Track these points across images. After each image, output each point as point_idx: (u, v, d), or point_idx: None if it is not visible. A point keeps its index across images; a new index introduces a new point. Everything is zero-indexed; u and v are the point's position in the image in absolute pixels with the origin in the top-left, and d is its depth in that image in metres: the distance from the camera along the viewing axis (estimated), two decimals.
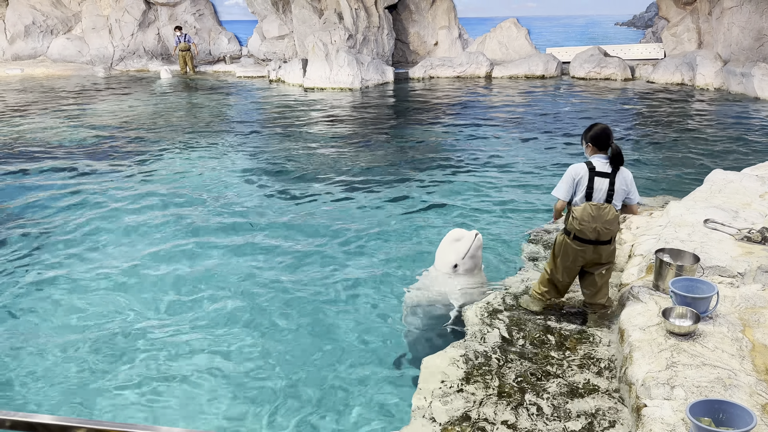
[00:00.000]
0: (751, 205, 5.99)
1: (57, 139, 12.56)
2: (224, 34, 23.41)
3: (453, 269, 5.55)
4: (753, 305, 4.33)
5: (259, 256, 7.01)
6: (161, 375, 4.95)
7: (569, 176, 4.63)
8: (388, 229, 7.65)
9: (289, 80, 19.16)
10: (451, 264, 5.54)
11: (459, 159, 10.75)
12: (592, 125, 4.75)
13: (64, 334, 5.56)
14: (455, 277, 5.58)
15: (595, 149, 4.65)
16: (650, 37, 20.20)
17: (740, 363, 3.69)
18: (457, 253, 5.52)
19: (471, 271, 5.62)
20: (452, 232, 5.69)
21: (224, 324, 5.65)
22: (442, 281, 5.61)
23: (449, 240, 5.62)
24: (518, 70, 19.40)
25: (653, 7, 19.98)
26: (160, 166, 10.61)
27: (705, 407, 3.12)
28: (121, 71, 22.40)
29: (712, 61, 16.74)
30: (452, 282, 5.56)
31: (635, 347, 3.98)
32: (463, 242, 5.53)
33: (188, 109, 15.66)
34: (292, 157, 11.12)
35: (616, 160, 4.58)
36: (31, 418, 1.59)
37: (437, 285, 5.61)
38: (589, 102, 15.58)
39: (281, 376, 4.89)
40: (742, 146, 11.09)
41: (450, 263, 5.55)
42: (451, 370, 4.32)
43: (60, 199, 9.00)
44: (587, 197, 4.60)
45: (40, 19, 22.93)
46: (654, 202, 7.86)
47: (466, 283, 5.58)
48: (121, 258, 7.04)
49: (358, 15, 18.98)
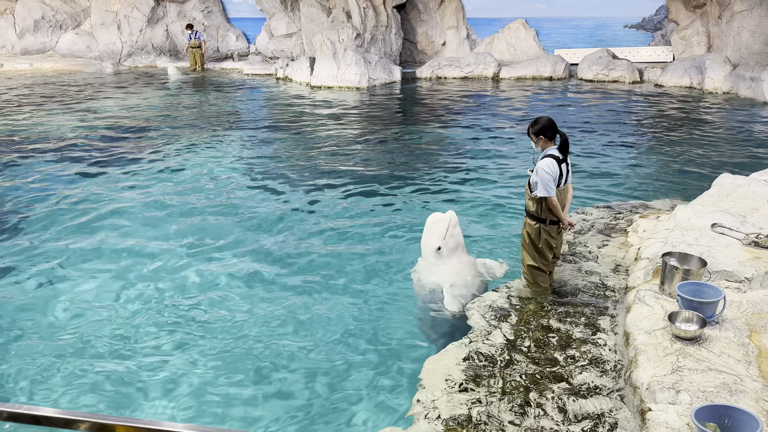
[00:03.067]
0: (759, 210, 5.96)
1: (63, 134, 12.60)
2: (232, 31, 23.44)
3: (437, 252, 5.76)
4: (760, 310, 4.31)
5: (262, 254, 7.01)
6: (158, 371, 4.95)
7: (550, 175, 4.96)
8: (392, 228, 7.64)
9: (296, 78, 19.17)
10: (435, 247, 5.76)
11: (465, 159, 10.73)
12: (538, 119, 5.09)
13: (61, 330, 5.58)
14: (441, 260, 5.75)
15: (546, 141, 5.05)
16: (659, 40, 20.11)
17: (746, 368, 3.67)
18: (438, 235, 5.74)
19: (455, 251, 5.82)
20: (429, 217, 5.93)
21: (225, 321, 5.65)
22: (429, 270, 5.79)
23: (428, 225, 5.87)
24: (526, 71, 19.35)
25: (663, 9, 19.90)
26: (166, 162, 10.63)
27: (710, 412, 3.10)
28: (129, 67, 22.47)
29: (722, 65, 16.65)
30: (439, 269, 5.73)
31: (641, 351, 3.96)
32: (441, 223, 5.78)
33: (195, 106, 15.69)
34: (298, 155, 11.12)
35: (567, 147, 5.05)
36: (35, 411, 1.59)
37: (426, 276, 5.80)
38: (597, 104, 15.53)
39: (284, 374, 4.88)
40: (750, 150, 11.03)
41: (434, 246, 5.77)
42: (455, 369, 4.31)
43: (64, 194, 9.02)
44: (557, 184, 5.06)
45: (50, 14, 23.02)
46: (661, 206, 7.83)
47: (452, 266, 5.76)
48: (124, 253, 7.05)
49: (366, 14, 18.97)
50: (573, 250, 6.26)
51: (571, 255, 6.15)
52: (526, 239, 5.33)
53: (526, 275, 5.43)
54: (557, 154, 5.02)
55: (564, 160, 5.05)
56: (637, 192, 8.90)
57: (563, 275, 5.71)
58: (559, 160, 5.00)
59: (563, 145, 5.04)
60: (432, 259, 5.80)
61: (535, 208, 5.17)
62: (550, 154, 5.01)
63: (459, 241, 5.85)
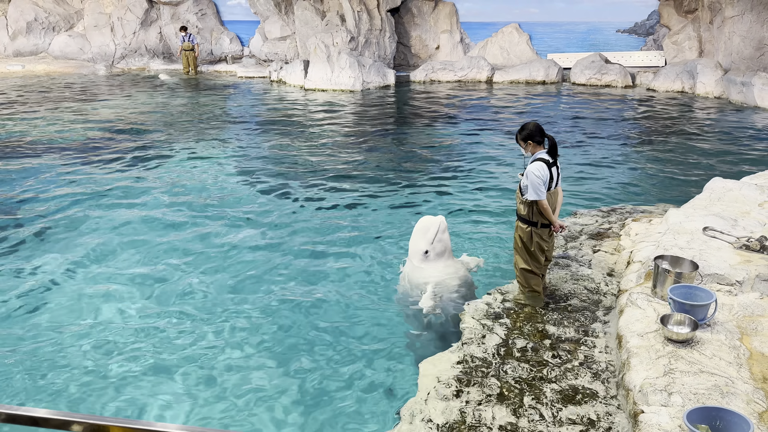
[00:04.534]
0: (750, 214, 6.01)
1: (55, 136, 12.55)
2: (226, 34, 23.42)
3: (425, 255, 5.82)
4: (751, 313, 4.34)
5: (256, 255, 7.00)
6: (152, 369, 4.94)
7: (540, 179, 5.02)
8: (382, 230, 7.66)
9: (290, 81, 19.17)
10: (423, 250, 5.82)
11: (457, 162, 10.76)
12: (525, 125, 5.16)
13: (58, 332, 5.55)
14: (428, 263, 5.80)
15: (536, 145, 5.12)
16: (651, 44, 20.24)
17: (738, 371, 3.70)
18: (427, 239, 5.81)
19: (441, 255, 5.89)
20: (420, 220, 5.99)
21: (220, 321, 5.65)
22: (415, 274, 5.83)
23: (418, 229, 5.92)
24: (519, 75, 19.42)
25: (655, 14, 20.02)
26: (159, 165, 10.61)
27: (702, 414, 3.12)
28: (123, 69, 22.40)
29: (713, 70, 16.77)
30: (425, 272, 5.78)
31: (633, 353, 3.98)
32: (431, 228, 5.85)
33: (188, 109, 15.66)
34: (291, 158, 11.13)
35: (556, 150, 5.11)
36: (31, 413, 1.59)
37: (412, 277, 5.85)
38: (590, 108, 15.61)
39: (275, 376, 4.88)
40: (741, 155, 11.11)
41: (421, 250, 5.83)
42: (449, 372, 4.32)
43: (57, 196, 8.99)
44: (547, 188, 5.12)
45: (42, 16, 22.93)
46: (653, 210, 7.87)
47: (438, 270, 5.81)
48: (117, 256, 7.03)
49: (360, 17, 19.00)
50: (566, 254, 6.29)
51: (564, 258, 6.18)
52: (518, 243, 5.37)
53: (520, 279, 5.46)
54: (547, 157, 5.08)
55: (554, 163, 5.13)
56: (629, 196, 8.95)
57: (556, 279, 5.74)
58: (549, 164, 5.06)
59: (552, 149, 5.12)
60: (417, 262, 5.86)
61: (526, 212, 5.22)
62: (540, 158, 5.07)
63: (447, 245, 5.93)
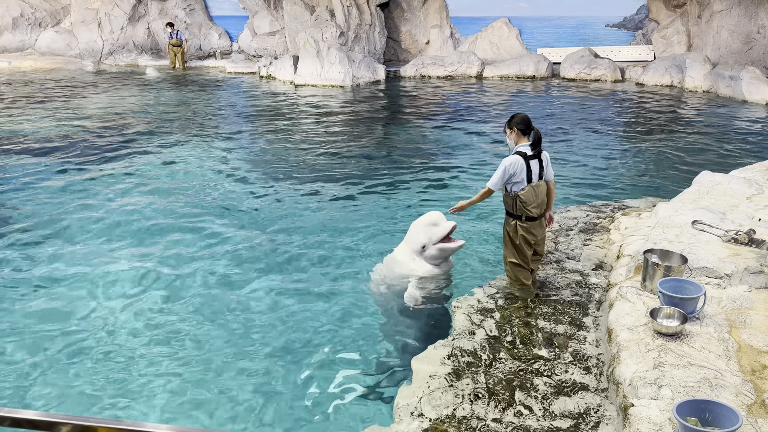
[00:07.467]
0: (739, 207, 6.04)
1: (42, 134, 12.43)
2: (215, 29, 23.27)
3: (421, 249, 5.66)
4: (739, 306, 4.37)
5: (245, 252, 6.98)
6: (144, 371, 4.92)
7: (503, 169, 5.08)
8: (372, 225, 7.65)
9: (279, 77, 19.08)
10: (420, 244, 5.64)
11: (448, 157, 10.76)
12: (515, 115, 5.25)
13: (43, 330, 5.51)
14: (419, 259, 5.68)
15: (520, 135, 5.18)
16: (640, 39, 20.30)
17: (726, 363, 3.72)
18: (430, 236, 5.61)
19: (435, 260, 5.70)
20: (432, 214, 5.76)
21: (210, 320, 5.62)
22: (404, 263, 5.74)
23: (426, 221, 5.69)
24: (509, 70, 19.43)
25: (644, 9, 20.09)
26: (147, 162, 10.54)
27: (691, 407, 3.14)
28: (111, 65, 22.23)
29: (701, 64, 16.86)
30: (413, 265, 5.68)
31: (623, 347, 4.00)
32: (438, 228, 5.61)
33: (177, 105, 15.56)
34: (280, 154, 11.09)
35: (539, 143, 5.14)
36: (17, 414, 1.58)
37: (398, 268, 5.76)
38: (579, 103, 15.64)
39: (267, 374, 4.87)
40: (729, 148, 11.17)
41: (420, 243, 5.65)
42: (440, 367, 4.33)
43: (44, 194, 8.91)
44: (528, 180, 5.11)
45: (29, 12, 22.70)
46: (642, 204, 7.91)
47: (429, 267, 5.71)
48: (104, 254, 6.99)
49: (350, 12, 18.94)
50: (556, 248, 6.31)
51: (555, 253, 6.20)
52: (505, 236, 5.44)
53: (508, 272, 5.50)
54: (526, 151, 5.12)
55: (535, 156, 5.13)
56: (618, 190, 8.98)
57: (546, 273, 5.76)
58: (527, 157, 5.09)
59: (535, 142, 5.13)
60: (409, 252, 5.76)
61: (510, 205, 5.28)
62: (519, 151, 5.12)
63: (448, 254, 5.79)
